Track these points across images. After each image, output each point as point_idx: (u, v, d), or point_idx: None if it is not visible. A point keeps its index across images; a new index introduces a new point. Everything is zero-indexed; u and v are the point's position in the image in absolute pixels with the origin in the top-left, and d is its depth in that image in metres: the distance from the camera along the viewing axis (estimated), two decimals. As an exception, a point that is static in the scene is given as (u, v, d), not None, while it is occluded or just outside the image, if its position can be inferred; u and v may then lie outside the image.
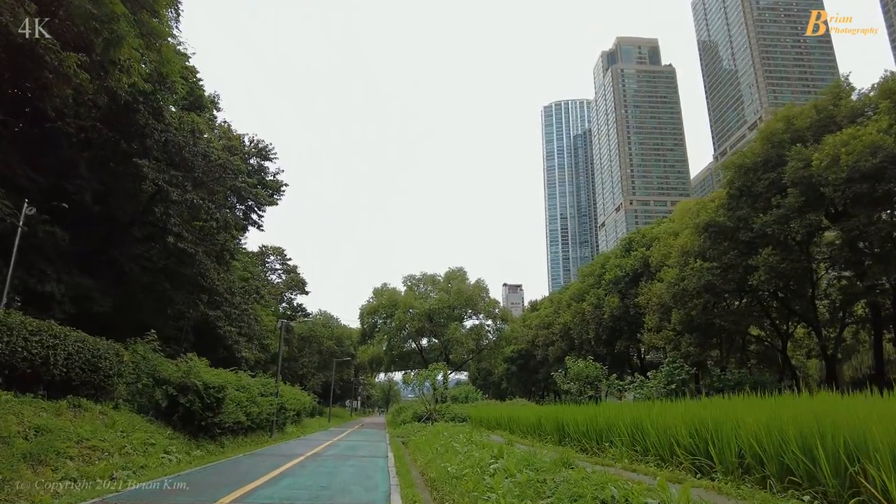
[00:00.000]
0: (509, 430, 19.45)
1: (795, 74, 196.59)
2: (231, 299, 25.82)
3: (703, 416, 8.93)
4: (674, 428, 9.26)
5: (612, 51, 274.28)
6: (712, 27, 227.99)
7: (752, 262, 28.09)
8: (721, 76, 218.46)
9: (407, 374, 35.24)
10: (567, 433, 13.79)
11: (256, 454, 16.23)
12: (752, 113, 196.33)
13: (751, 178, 29.20)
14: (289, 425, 30.33)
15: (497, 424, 21.92)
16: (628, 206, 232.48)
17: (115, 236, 25.17)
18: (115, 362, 14.33)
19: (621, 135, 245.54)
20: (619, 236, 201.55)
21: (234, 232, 26.01)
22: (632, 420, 10.65)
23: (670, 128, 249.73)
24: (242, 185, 22.65)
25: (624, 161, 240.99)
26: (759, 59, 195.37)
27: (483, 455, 10.27)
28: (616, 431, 10.94)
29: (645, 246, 39.94)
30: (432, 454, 14.80)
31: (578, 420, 13.21)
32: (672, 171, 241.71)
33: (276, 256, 54.29)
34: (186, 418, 15.96)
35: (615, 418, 11.35)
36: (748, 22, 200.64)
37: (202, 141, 21.26)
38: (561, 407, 17.49)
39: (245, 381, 20.48)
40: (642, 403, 13.22)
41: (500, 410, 24.37)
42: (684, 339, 31.99)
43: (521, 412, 20.19)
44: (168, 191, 20.33)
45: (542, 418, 16.27)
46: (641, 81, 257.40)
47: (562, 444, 13.17)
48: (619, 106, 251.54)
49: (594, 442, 12.04)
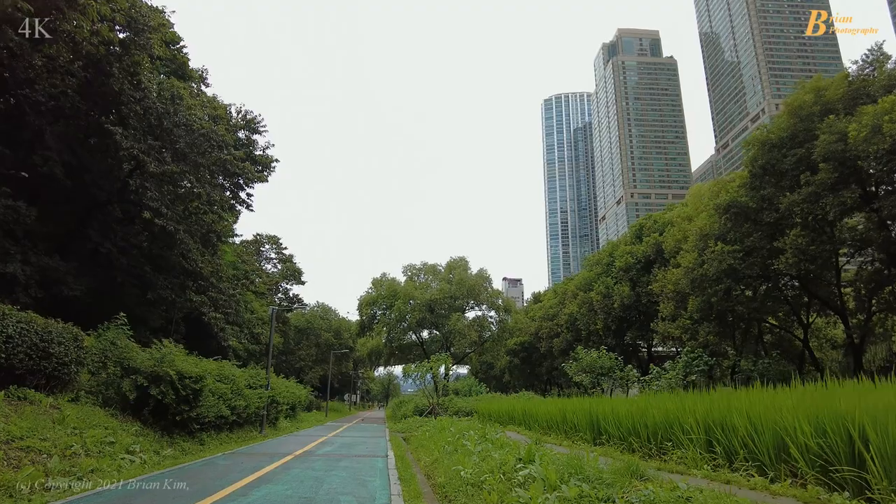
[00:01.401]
0: (525, 425, 17.46)
1: (798, 66, 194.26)
2: (218, 284, 23.86)
3: (838, 409, 6.47)
4: (784, 423, 6.98)
5: (612, 42, 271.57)
6: (714, 19, 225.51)
7: (777, 244, 26.20)
8: (723, 68, 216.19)
9: (408, 366, 33.36)
10: (604, 430, 11.74)
11: (238, 454, 14.30)
12: (755, 105, 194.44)
13: (775, 154, 27.23)
14: (282, 420, 28.46)
15: (510, 419, 19.93)
16: (629, 198, 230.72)
17: (92, 216, 23.22)
18: (73, 348, 12.38)
19: (622, 127, 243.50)
20: (620, 229, 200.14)
21: (222, 212, 24.03)
22: (704, 413, 8.45)
23: (671, 120, 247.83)
24: (228, 157, 20.63)
25: (625, 153, 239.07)
26: (762, 50, 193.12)
27: (505, 457, 8.34)
28: (683, 428, 8.68)
29: (657, 231, 37.99)
30: (438, 453, 12.90)
31: (620, 414, 11.18)
32: (673, 164, 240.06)
33: (271, 245, 52.28)
34: (158, 412, 14.03)
35: (678, 411, 9.11)
36: (751, 13, 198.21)
37: (183, 108, 19.24)
38: (593, 399, 15.33)
39: (229, 371, 18.54)
40: (699, 394, 11.02)
41: (512, 404, 22.31)
42: (702, 328, 30.06)
43: (538, 405, 18.08)
44: (144, 161, 18.34)
45: (567, 412, 14.20)
46: (642, 73, 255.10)
47: (598, 444, 11.23)
48: (619, 98, 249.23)
49: (645, 441, 9.94)
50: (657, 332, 34.53)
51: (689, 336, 31.30)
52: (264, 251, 52.72)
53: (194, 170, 20.72)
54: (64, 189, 21.95)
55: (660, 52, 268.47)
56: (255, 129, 24.58)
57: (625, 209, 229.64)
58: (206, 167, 20.70)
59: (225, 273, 25.63)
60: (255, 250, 51.75)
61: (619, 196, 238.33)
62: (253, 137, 24.84)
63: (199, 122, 20.10)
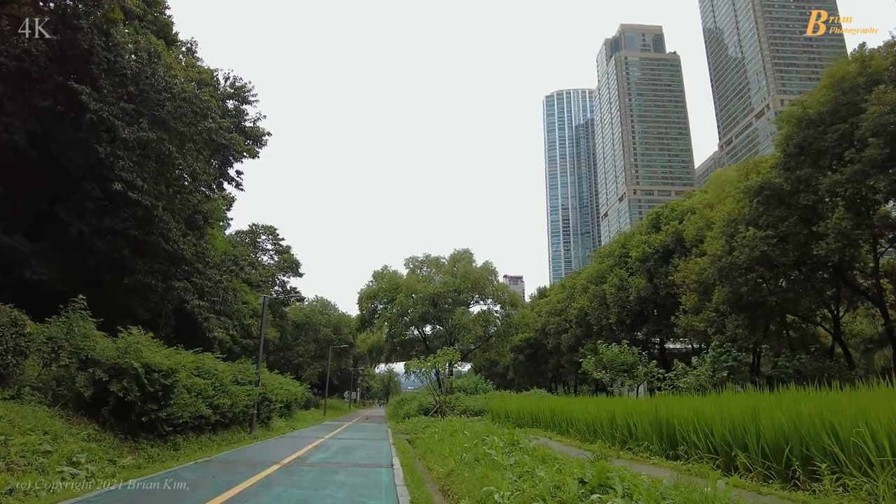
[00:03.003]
0: (557, 429, 14.98)
1: (804, 61, 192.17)
2: (204, 270, 21.58)
3: None
4: None
5: (615, 38, 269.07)
6: (718, 14, 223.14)
7: (817, 228, 23.96)
8: (727, 64, 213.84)
9: (412, 361, 31.13)
10: (680, 440, 9.15)
11: (214, 462, 12.04)
12: (760, 101, 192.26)
13: (812, 132, 24.94)
14: (276, 419, 26.17)
15: (533, 421, 17.48)
16: (632, 195, 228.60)
17: (67, 194, 20.95)
18: (9, 335, 10.14)
19: (625, 123, 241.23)
20: (623, 226, 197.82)
21: (208, 191, 21.75)
22: (890, 420, 5.56)
23: (674, 116, 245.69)
24: (213, 125, 18.35)
25: (627, 150, 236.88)
26: (767, 45, 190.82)
27: (559, 477, 6.08)
28: (854, 444, 5.78)
29: (677, 219, 35.71)
30: (455, 462, 10.65)
31: (710, 419, 8.57)
32: (676, 161, 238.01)
33: (267, 235, 49.98)
34: (120, 412, 11.77)
35: (828, 415, 6.22)
36: (756, 8, 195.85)
37: (162, 68, 16.97)
38: (658, 398, 12.53)
39: (211, 364, 16.25)
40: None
41: (537, 403, 19.67)
42: (730, 321, 27.81)
43: (573, 405, 15.45)
44: (116, 126, 16.06)
45: (618, 414, 11.51)
46: (645, 69, 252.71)
47: (671, 458, 8.90)
48: (622, 94, 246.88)
49: (758, 457, 7.27)
50: (678, 326, 32.26)
51: (714, 330, 29.06)
52: (260, 242, 50.44)
53: (177, 140, 18.43)
54: (33, 164, 19.71)
55: (663, 47, 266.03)
56: (244, 98, 22.19)
57: (627, 206, 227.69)
58: (189, 137, 18.43)
59: (213, 259, 23.33)
60: (250, 241, 49.51)
61: (622, 193, 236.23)
62: (243, 108, 22.55)
63: (181, 87, 17.82)
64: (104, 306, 18.30)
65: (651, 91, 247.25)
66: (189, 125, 18.52)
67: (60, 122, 20.08)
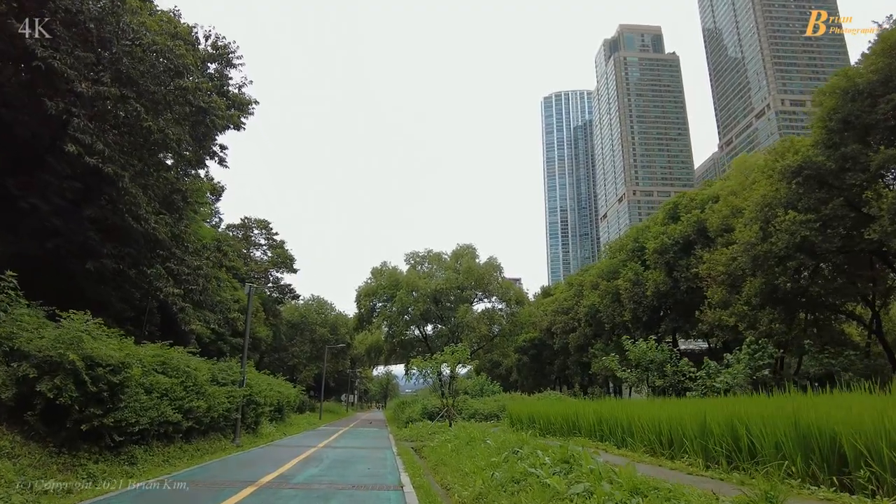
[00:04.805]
0: (608, 439, 12.26)
1: (804, 61, 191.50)
2: (182, 256, 18.96)
3: None
4: None
5: (614, 38, 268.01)
6: (718, 14, 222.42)
7: (868, 210, 21.55)
8: (726, 64, 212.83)
9: (415, 359, 28.52)
10: (854, 460, 6.25)
11: (171, 483, 9.38)
12: (760, 100, 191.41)
13: (860, 104, 22.56)
14: (265, 424, 23.52)
15: (570, 428, 14.77)
16: (631, 196, 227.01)
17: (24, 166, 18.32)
18: None
19: (624, 124, 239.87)
20: (622, 227, 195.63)
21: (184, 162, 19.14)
22: None
23: (674, 117, 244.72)
24: (190, 85, 15.75)
25: (626, 150, 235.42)
26: (768, 45, 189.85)
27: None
28: None
29: (698, 208, 33.23)
30: (483, 482, 8.08)
31: (859, 426, 6.06)
32: (675, 161, 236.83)
33: (260, 230, 47.34)
34: (52, 418, 9.17)
35: None
36: (756, 8, 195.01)
37: (126, 12, 14.42)
38: (779, 398, 9.12)
39: (181, 360, 13.61)
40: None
41: (575, 407, 16.53)
42: (764, 314, 25.30)
43: (627, 409, 12.69)
44: (71, 78, 13.50)
45: (707, 419, 8.59)
46: (644, 70, 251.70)
47: (844, 488, 6.31)
48: (621, 94, 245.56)
49: None
50: (703, 322, 29.74)
51: (746, 325, 26.54)
52: (253, 237, 47.78)
53: (147, 101, 15.83)
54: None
55: (662, 48, 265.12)
56: (228, 60, 19.49)
57: (626, 207, 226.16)
58: (162, 97, 15.85)
59: (194, 244, 20.71)
60: (243, 235, 46.88)
61: (621, 194, 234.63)
62: (226, 72, 19.86)
63: (152, 38, 15.28)
64: (72, 299, 15.61)
65: (650, 91, 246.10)
66: (161, 85, 15.95)
67: (13, 84, 17.47)
